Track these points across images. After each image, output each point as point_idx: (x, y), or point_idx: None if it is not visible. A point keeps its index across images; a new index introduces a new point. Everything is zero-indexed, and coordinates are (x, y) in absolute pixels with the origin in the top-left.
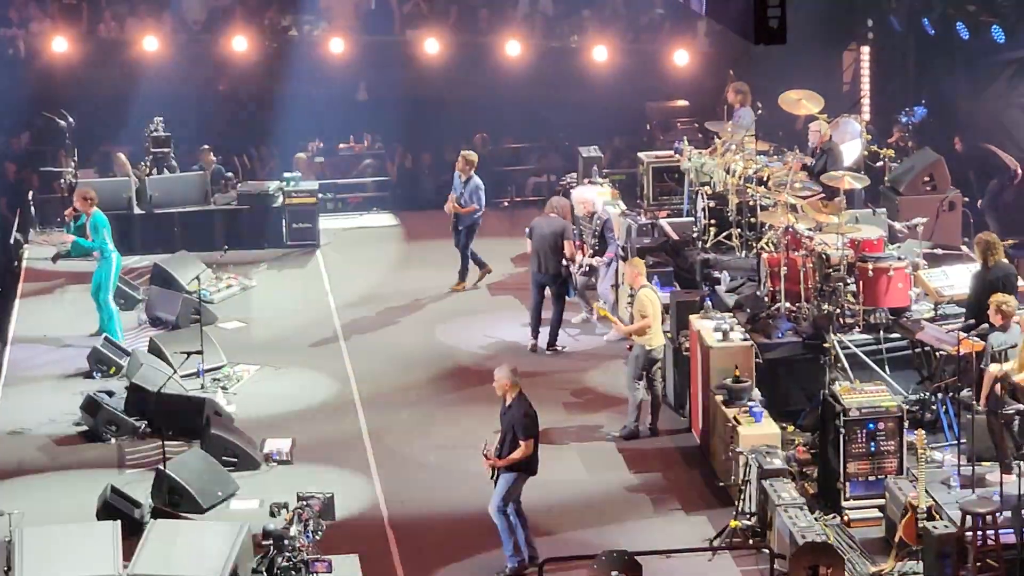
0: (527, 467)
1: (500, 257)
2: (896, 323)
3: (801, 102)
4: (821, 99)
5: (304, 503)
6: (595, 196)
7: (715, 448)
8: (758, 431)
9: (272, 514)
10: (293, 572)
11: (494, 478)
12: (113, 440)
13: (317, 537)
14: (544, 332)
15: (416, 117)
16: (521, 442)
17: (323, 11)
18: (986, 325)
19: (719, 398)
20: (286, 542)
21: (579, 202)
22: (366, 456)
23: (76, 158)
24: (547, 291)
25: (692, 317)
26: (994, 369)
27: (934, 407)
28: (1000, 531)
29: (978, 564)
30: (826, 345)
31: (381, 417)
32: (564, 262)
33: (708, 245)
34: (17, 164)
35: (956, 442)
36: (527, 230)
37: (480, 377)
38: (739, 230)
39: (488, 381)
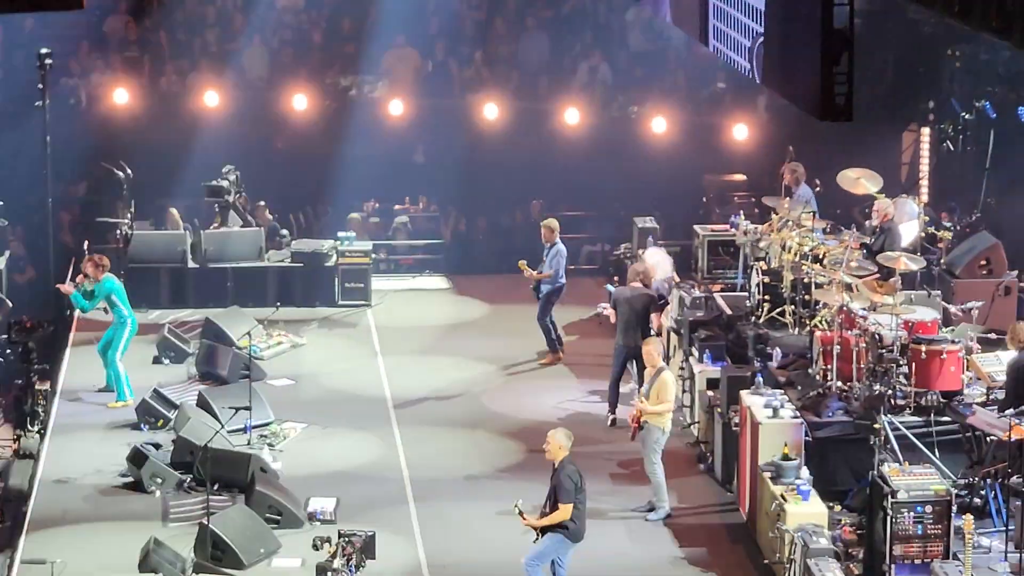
0: (573, 534)
1: None
2: (947, 406)
3: (860, 181)
4: (880, 178)
5: (346, 539)
6: (657, 265)
7: (761, 525)
8: (805, 510)
9: (315, 547)
10: None
11: (537, 540)
12: (158, 493)
13: (359, 572)
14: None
15: (472, 181)
16: (560, 505)
17: (383, 72)
18: None
19: (767, 475)
20: (330, 574)
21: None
22: (410, 518)
23: (132, 210)
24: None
25: (743, 393)
26: None
27: (983, 492)
28: None
29: None
30: (876, 426)
31: (426, 480)
32: (652, 332)
33: (761, 321)
34: (73, 214)
35: (1004, 528)
36: (611, 300)
37: (527, 444)
38: (793, 307)
39: (535, 448)
